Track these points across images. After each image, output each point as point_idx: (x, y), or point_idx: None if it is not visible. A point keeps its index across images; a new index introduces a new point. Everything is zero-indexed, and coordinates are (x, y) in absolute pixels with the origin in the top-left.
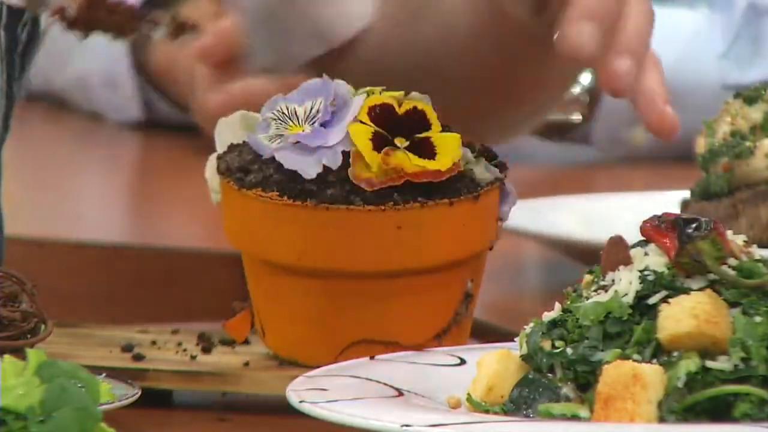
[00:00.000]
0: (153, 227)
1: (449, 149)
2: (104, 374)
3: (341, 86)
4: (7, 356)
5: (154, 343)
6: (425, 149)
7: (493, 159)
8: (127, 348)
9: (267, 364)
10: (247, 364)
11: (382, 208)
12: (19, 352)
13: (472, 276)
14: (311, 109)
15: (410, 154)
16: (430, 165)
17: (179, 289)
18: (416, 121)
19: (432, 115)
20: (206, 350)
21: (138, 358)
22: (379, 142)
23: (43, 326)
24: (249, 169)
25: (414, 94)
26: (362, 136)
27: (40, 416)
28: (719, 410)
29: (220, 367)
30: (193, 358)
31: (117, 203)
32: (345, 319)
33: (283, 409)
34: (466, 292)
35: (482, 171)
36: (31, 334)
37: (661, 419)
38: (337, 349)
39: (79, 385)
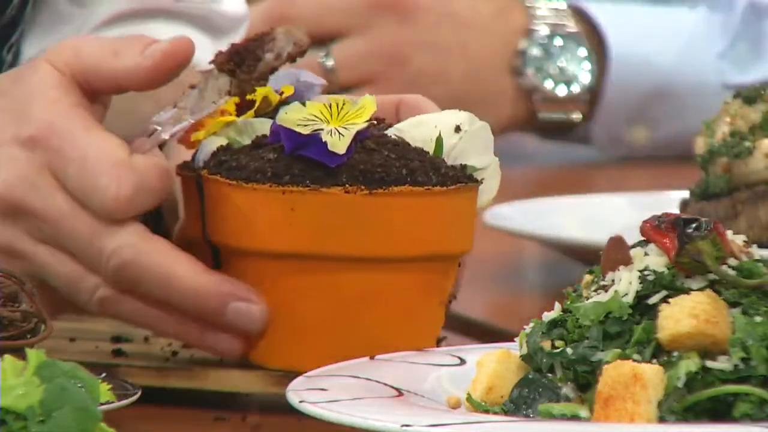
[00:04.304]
0: None
1: None
2: (104, 374)
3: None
4: (7, 356)
5: (146, 339)
6: None
7: None
8: (114, 343)
9: (240, 363)
10: (220, 361)
11: None
12: (19, 352)
13: None
14: None
15: None
16: None
17: None
18: None
19: None
20: (188, 347)
21: (117, 353)
22: None
23: (43, 326)
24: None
25: None
26: None
27: (40, 416)
28: (719, 410)
29: (191, 365)
30: (174, 354)
31: None
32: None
33: (283, 409)
34: None
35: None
36: (31, 334)
37: (661, 419)
38: None
39: (79, 385)
